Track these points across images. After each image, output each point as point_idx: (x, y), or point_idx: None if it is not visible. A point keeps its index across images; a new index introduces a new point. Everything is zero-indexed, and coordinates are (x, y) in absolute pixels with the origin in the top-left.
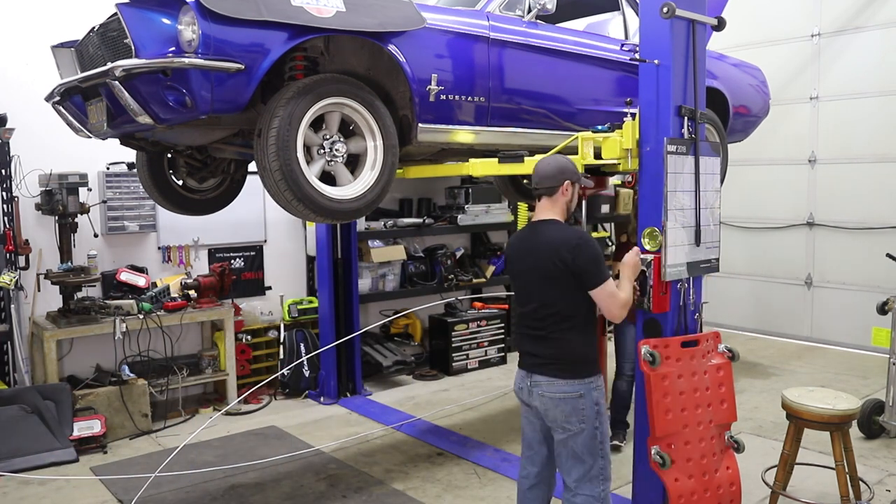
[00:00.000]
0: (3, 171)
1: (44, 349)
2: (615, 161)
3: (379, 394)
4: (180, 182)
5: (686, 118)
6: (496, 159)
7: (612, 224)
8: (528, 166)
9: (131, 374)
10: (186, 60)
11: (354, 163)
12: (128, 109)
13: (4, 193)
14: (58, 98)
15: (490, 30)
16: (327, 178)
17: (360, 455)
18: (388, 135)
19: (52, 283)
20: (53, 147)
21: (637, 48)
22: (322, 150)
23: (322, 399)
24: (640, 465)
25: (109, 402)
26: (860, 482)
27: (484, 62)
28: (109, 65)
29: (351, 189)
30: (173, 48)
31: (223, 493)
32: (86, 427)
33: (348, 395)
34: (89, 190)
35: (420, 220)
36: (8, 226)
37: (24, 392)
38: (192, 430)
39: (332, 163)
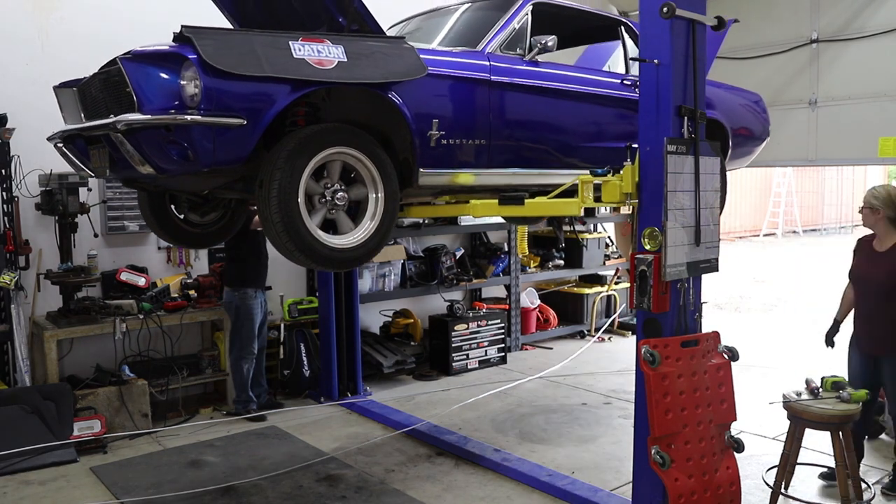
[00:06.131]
0: (3, 171)
1: (44, 349)
2: (615, 204)
3: (379, 394)
4: (181, 216)
5: (686, 118)
6: (496, 201)
7: (614, 225)
8: (528, 209)
9: (131, 374)
10: (189, 118)
11: (355, 208)
12: (130, 160)
13: (4, 193)
14: (60, 141)
15: (490, 73)
16: (328, 223)
17: (360, 455)
18: (390, 182)
19: (52, 283)
20: (53, 147)
21: (637, 82)
22: (324, 200)
23: (322, 399)
24: (640, 464)
25: (109, 402)
26: (860, 482)
27: (485, 105)
28: (112, 118)
29: (352, 237)
30: (176, 102)
31: (223, 493)
32: (86, 427)
33: (348, 395)
34: (89, 190)
35: (420, 220)
36: (8, 226)
37: (24, 392)
38: (192, 430)
39: (334, 211)
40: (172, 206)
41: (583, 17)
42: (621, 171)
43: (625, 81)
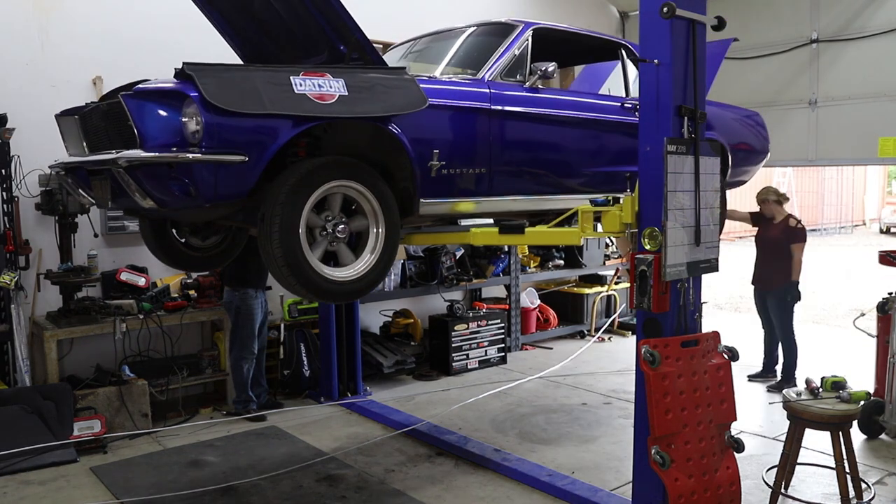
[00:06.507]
0: (3, 171)
1: (44, 349)
2: (615, 234)
3: (379, 394)
4: (182, 240)
5: (686, 118)
6: (496, 229)
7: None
8: (528, 237)
9: (131, 374)
10: (191, 156)
11: (356, 238)
12: (131, 195)
13: (4, 193)
14: (62, 170)
15: (491, 101)
16: (329, 254)
17: (360, 455)
18: (390, 214)
19: (53, 283)
20: (53, 147)
21: (637, 104)
22: (325, 232)
23: (322, 399)
24: (640, 464)
25: (109, 402)
26: (861, 482)
27: (485, 134)
28: (115, 154)
29: (352, 270)
30: (178, 139)
31: (223, 493)
32: (86, 427)
33: (348, 395)
34: None
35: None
36: (8, 226)
37: (24, 392)
38: (192, 430)
39: (335, 243)
40: (174, 231)
41: (583, 40)
42: (621, 201)
43: (625, 105)
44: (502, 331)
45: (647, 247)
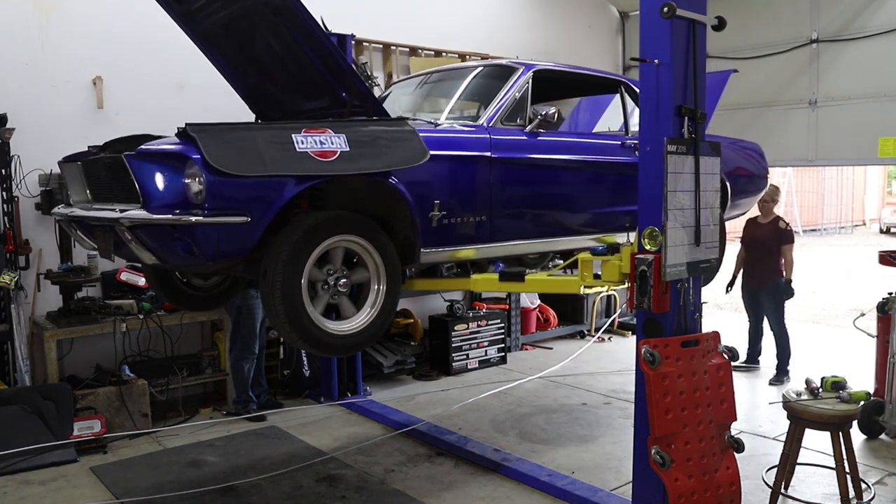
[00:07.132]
0: (3, 171)
1: (44, 349)
2: (614, 284)
3: (379, 394)
4: (185, 280)
5: (686, 118)
6: (497, 276)
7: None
8: (528, 285)
9: (131, 374)
10: (193, 219)
11: (357, 290)
12: (135, 251)
13: (4, 193)
14: (65, 220)
15: (491, 149)
16: (330, 306)
17: (360, 455)
18: (392, 267)
19: (53, 283)
20: (53, 147)
21: (637, 144)
22: (326, 286)
23: (322, 399)
24: (640, 464)
25: (109, 402)
26: (861, 482)
27: (486, 182)
28: (118, 213)
29: (353, 323)
30: (181, 199)
31: (223, 493)
32: (86, 427)
33: (348, 394)
34: None
35: None
36: (8, 226)
37: (24, 392)
38: (192, 430)
39: (336, 297)
40: (176, 272)
41: (583, 79)
42: (624, 241)
43: (625, 144)
44: (502, 331)
45: (647, 247)
